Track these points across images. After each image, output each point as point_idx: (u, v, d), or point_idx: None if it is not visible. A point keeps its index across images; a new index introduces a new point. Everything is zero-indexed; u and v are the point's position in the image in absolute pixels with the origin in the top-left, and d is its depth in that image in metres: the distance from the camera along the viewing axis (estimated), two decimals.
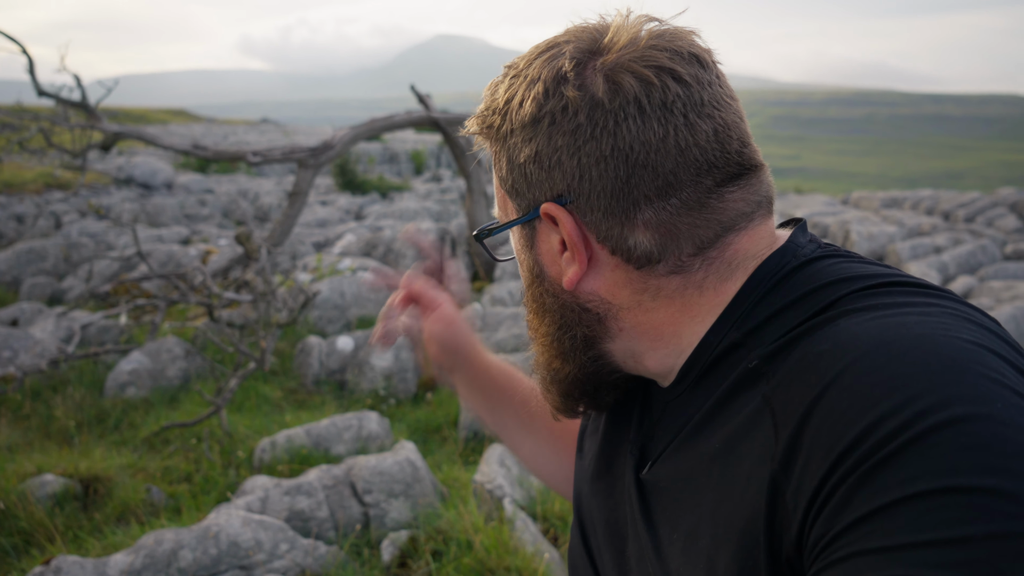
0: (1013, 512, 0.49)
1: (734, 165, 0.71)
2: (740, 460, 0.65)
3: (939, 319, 0.61)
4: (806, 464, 0.58)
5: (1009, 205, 13.22)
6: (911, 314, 0.62)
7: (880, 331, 0.60)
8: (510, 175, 0.77)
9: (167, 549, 3.06)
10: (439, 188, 19.89)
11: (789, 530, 0.59)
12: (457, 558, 3.24)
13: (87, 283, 9.34)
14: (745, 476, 0.64)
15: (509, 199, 0.80)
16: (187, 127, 37.54)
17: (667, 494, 0.74)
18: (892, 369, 0.56)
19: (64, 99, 8.21)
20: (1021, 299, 6.37)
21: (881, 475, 0.53)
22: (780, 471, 0.60)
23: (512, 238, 0.84)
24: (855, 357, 0.59)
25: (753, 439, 0.64)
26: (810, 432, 0.58)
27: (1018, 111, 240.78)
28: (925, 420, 0.53)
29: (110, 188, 17.23)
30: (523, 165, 0.75)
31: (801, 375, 0.62)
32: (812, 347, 0.63)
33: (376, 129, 8.92)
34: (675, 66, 0.69)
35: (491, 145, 0.79)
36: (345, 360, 6.37)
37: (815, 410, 0.59)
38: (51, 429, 5.27)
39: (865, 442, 0.54)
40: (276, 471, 4.36)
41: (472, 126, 0.81)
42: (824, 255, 0.74)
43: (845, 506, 0.54)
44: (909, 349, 0.57)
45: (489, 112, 0.78)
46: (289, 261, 10.31)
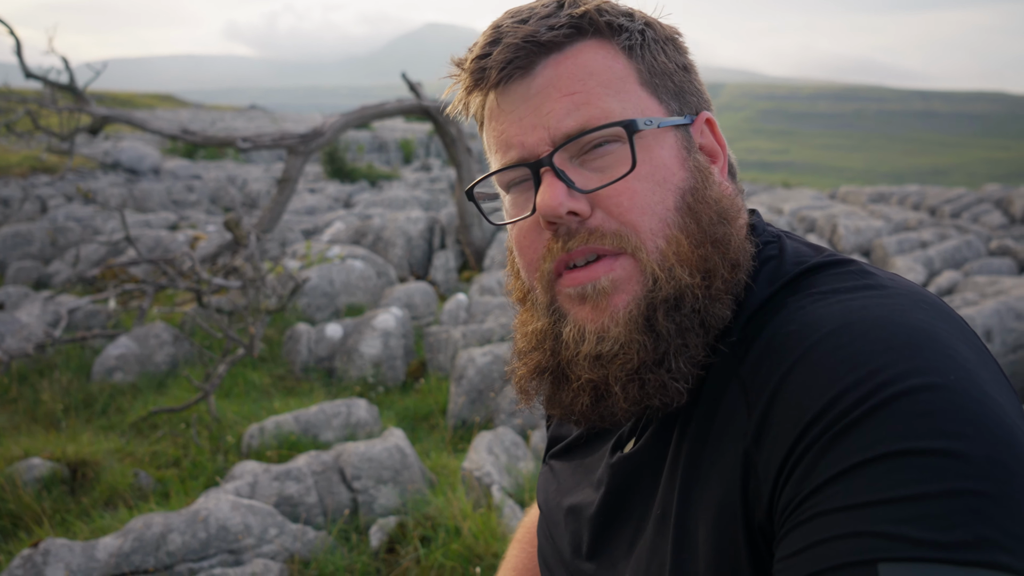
0: (965, 472, 0.53)
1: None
2: (716, 439, 0.68)
3: (895, 300, 0.65)
4: (776, 436, 0.62)
5: (994, 201, 13.35)
6: (872, 297, 0.66)
7: (843, 313, 0.65)
8: (664, 74, 0.78)
9: (156, 533, 3.07)
10: (428, 177, 19.84)
11: (761, 499, 0.62)
12: (445, 544, 3.26)
13: (74, 267, 9.28)
14: (720, 453, 0.67)
15: (648, 95, 0.77)
16: (174, 112, 37.22)
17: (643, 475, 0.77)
18: (855, 346, 0.61)
19: (52, 82, 8.13)
20: (1005, 294, 6.45)
21: (844, 441, 0.57)
22: (752, 445, 0.64)
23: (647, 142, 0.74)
24: (820, 336, 0.63)
25: (728, 417, 0.68)
26: (779, 406, 0.62)
27: (1004, 108, 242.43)
28: (885, 390, 0.57)
29: (97, 173, 17.08)
30: (680, 71, 0.80)
31: (770, 355, 0.66)
32: (780, 328, 0.67)
33: (366, 117, 8.89)
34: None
35: (613, 39, 0.76)
36: (334, 347, 6.37)
37: (783, 386, 0.63)
38: (38, 413, 5.25)
39: (830, 412, 0.58)
40: (265, 457, 4.36)
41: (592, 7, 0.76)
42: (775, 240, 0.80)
43: (811, 471, 0.58)
44: (870, 329, 0.62)
45: (623, 14, 0.78)
46: (278, 248, 10.28)
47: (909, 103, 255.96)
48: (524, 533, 1.19)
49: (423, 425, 5.31)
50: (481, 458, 3.88)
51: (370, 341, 6.12)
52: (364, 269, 8.07)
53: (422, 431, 5.18)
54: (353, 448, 3.89)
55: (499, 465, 3.91)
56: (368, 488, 3.76)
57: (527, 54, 0.74)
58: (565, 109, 0.73)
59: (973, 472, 0.53)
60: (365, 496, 3.74)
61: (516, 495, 3.75)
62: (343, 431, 4.71)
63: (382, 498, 3.75)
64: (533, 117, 0.75)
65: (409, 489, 3.79)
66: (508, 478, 3.85)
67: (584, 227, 0.73)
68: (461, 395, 5.18)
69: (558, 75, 0.74)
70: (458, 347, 5.99)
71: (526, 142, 0.75)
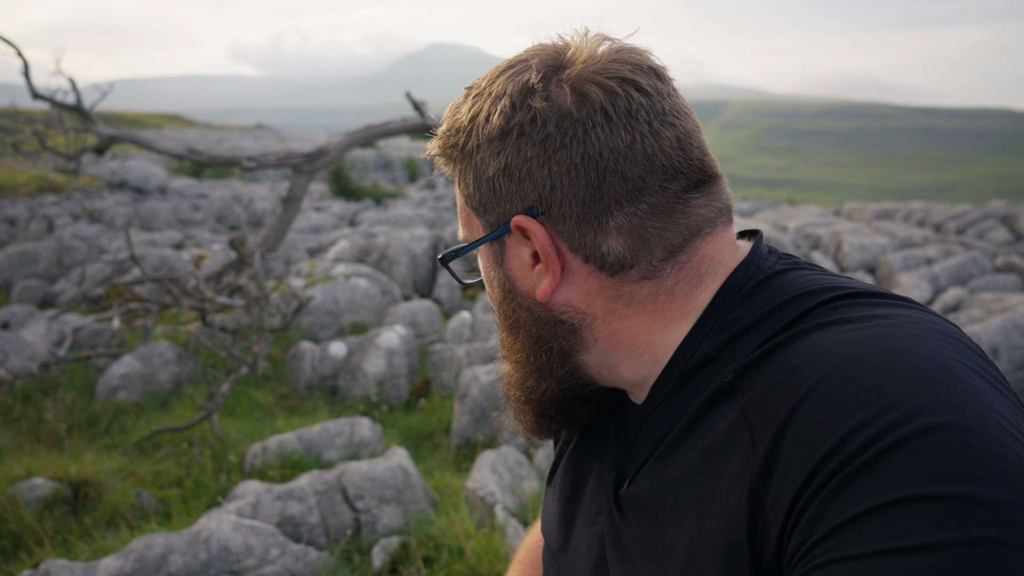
0: (983, 518, 0.50)
1: (696, 171, 0.74)
2: (719, 474, 0.66)
3: (907, 331, 0.62)
4: (784, 475, 0.59)
5: (1000, 218, 13.32)
6: (881, 326, 0.63)
7: (851, 344, 0.62)
8: (477, 191, 0.77)
9: (157, 554, 3.05)
10: (433, 195, 19.91)
11: (769, 541, 0.60)
12: (448, 565, 3.24)
13: (79, 286, 9.31)
14: (725, 490, 0.64)
15: (476, 216, 0.79)
16: (181, 132, 37.51)
17: (646, 510, 0.75)
18: (864, 381, 0.58)
19: (59, 102, 8.20)
20: (1011, 311, 6.41)
21: (855, 485, 0.54)
22: (759, 483, 0.61)
23: (480, 257, 0.83)
24: (828, 370, 0.60)
25: (731, 453, 0.65)
26: (787, 444, 0.59)
27: (1008, 125, 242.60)
28: (897, 430, 0.54)
29: (103, 192, 17.19)
30: (492, 179, 0.75)
31: (776, 388, 0.63)
32: (786, 360, 0.64)
33: (371, 136, 8.93)
34: (636, 77, 0.72)
35: (455, 166, 0.79)
36: (338, 366, 6.36)
37: (791, 422, 0.60)
38: (41, 432, 5.24)
39: (840, 453, 0.56)
40: (267, 476, 4.34)
41: (434, 148, 0.80)
42: (788, 267, 0.76)
43: (821, 515, 0.55)
44: (880, 362, 0.59)
45: (452, 132, 0.78)
46: (283, 266, 10.30)
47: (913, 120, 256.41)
48: (526, 554, 1.16)
49: (426, 444, 5.29)
50: (485, 477, 3.85)
51: (374, 360, 6.11)
52: (368, 287, 8.07)
53: (425, 450, 5.16)
54: (356, 467, 3.87)
55: (503, 484, 3.88)
56: (371, 508, 3.73)
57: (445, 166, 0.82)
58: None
59: (992, 519, 0.50)
60: (368, 516, 3.71)
61: (520, 515, 3.72)
62: (346, 450, 4.69)
63: (385, 518, 3.73)
64: None
65: (412, 509, 3.77)
66: (512, 497, 3.82)
67: None
68: (465, 414, 5.16)
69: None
70: (462, 365, 5.98)
71: None
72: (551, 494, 0.97)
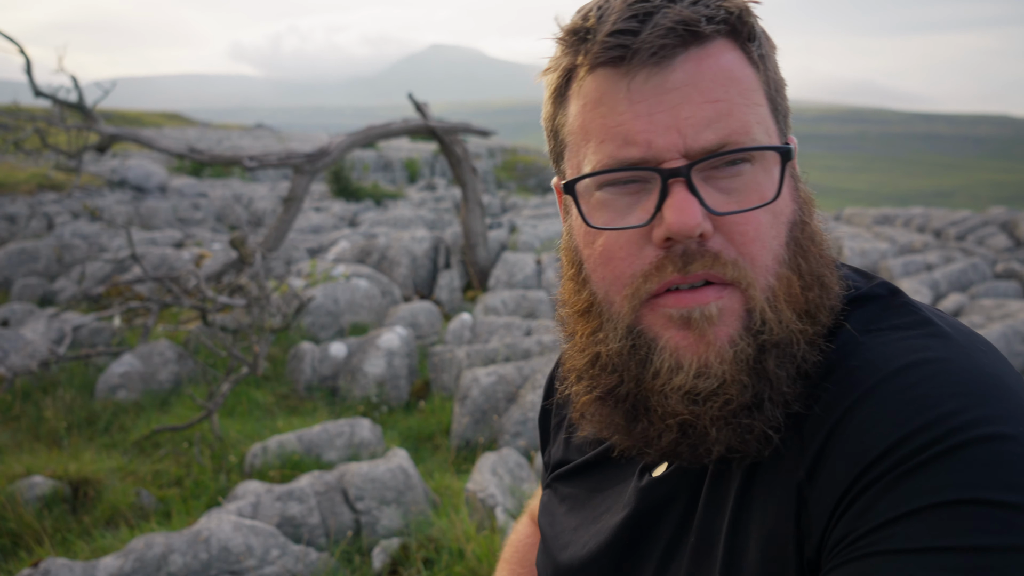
0: None
1: None
2: (766, 470, 0.66)
3: (958, 342, 0.64)
4: (832, 473, 0.60)
5: (1000, 224, 13.33)
6: (934, 336, 0.64)
7: (908, 352, 0.63)
8: (777, 92, 0.72)
9: (157, 553, 3.04)
10: (433, 196, 19.90)
11: (812, 535, 0.61)
12: (448, 567, 3.23)
13: (79, 285, 9.30)
14: (767, 487, 0.65)
15: (774, 118, 0.71)
16: (181, 131, 37.49)
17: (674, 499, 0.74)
18: (922, 388, 0.59)
19: (61, 100, 8.20)
20: (1012, 318, 6.42)
21: (908, 483, 0.55)
22: (806, 480, 0.62)
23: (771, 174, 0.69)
24: (886, 375, 0.61)
25: (778, 450, 0.65)
26: (837, 444, 0.60)
27: (1008, 131, 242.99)
28: (955, 436, 0.55)
29: (103, 190, 17.17)
30: (783, 87, 0.73)
31: (830, 391, 0.64)
32: (841, 364, 0.65)
33: (373, 136, 8.94)
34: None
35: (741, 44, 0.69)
36: (338, 366, 6.35)
37: (844, 421, 0.61)
38: (41, 431, 5.23)
39: (895, 452, 0.57)
40: (267, 476, 4.34)
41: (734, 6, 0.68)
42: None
43: (869, 509, 0.56)
44: (938, 371, 0.60)
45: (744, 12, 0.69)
46: (283, 266, 10.29)
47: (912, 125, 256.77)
48: (513, 553, 1.15)
49: (426, 445, 5.28)
50: (485, 479, 3.85)
51: (374, 360, 6.10)
52: (369, 288, 8.07)
53: (425, 451, 5.16)
54: (356, 468, 3.87)
55: (503, 486, 3.88)
56: (371, 509, 3.73)
57: (673, 43, 0.65)
58: (707, 118, 0.65)
59: None
60: (368, 517, 3.71)
61: (520, 517, 3.72)
62: (346, 451, 4.69)
63: (385, 519, 3.72)
64: (667, 117, 0.65)
65: (412, 510, 3.77)
66: (512, 500, 3.82)
67: (705, 250, 0.65)
68: (465, 415, 5.15)
69: (700, 74, 0.65)
70: (462, 367, 5.97)
71: (654, 143, 0.66)
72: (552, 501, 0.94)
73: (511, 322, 6.98)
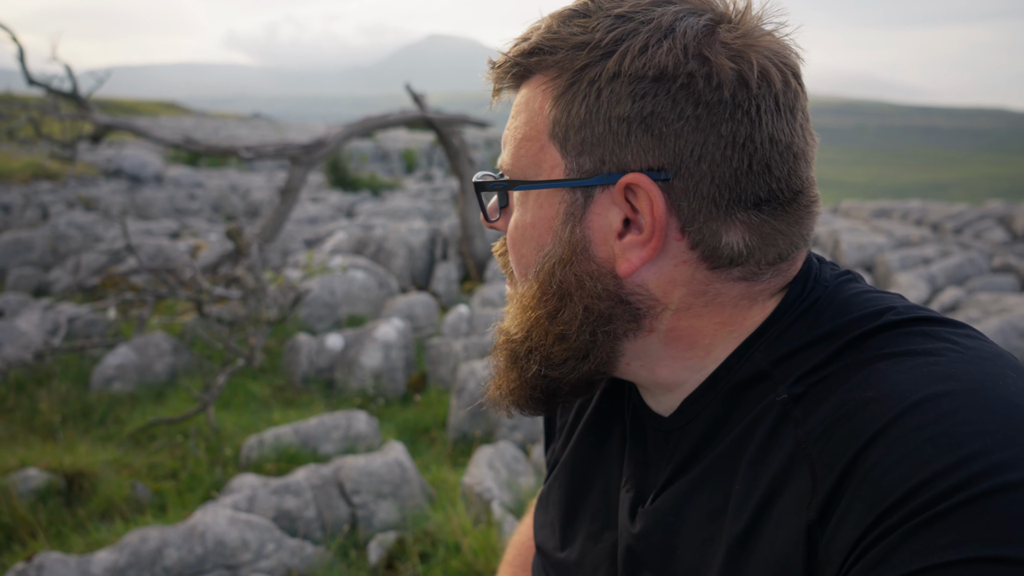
0: None
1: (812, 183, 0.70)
2: (768, 505, 0.62)
3: (983, 368, 0.59)
4: (846, 515, 0.56)
5: (997, 218, 13.33)
6: (955, 362, 0.60)
7: (928, 382, 0.58)
8: (583, 127, 0.65)
9: (152, 547, 3.03)
10: (431, 187, 19.86)
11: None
12: (445, 561, 3.22)
13: (74, 275, 9.26)
14: (774, 523, 0.61)
15: (556, 150, 0.68)
16: (177, 120, 37.33)
17: (674, 531, 0.71)
18: (944, 426, 0.54)
19: (55, 89, 8.13)
20: (1009, 312, 6.42)
21: (926, 535, 0.51)
22: (816, 521, 0.58)
23: (527, 201, 0.71)
24: (904, 409, 0.57)
25: (784, 485, 0.62)
26: (852, 485, 0.56)
27: (1005, 125, 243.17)
28: (978, 484, 0.51)
29: (98, 180, 17.10)
30: (616, 119, 0.64)
31: (842, 423, 0.60)
32: (855, 393, 0.60)
33: (370, 127, 8.90)
34: (799, 72, 0.67)
35: (551, 80, 0.67)
36: (334, 359, 6.33)
37: (860, 461, 0.57)
38: (35, 423, 5.21)
39: (913, 500, 0.53)
40: (263, 469, 4.32)
41: (517, 52, 0.69)
42: (844, 281, 0.72)
43: (883, 562, 0.53)
44: (961, 406, 0.55)
45: (575, 45, 0.66)
46: (280, 258, 10.26)
47: (911, 118, 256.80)
48: (515, 555, 1.12)
49: (423, 438, 5.27)
50: (481, 473, 3.84)
51: (371, 353, 6.09)
52: (365, 280, 8.05)
53: (422, 444, 5.15)
54: (353, 462, 3.86)
55: (499, 480, 3.87)
56: (367, 503, 3.72)
57: (498, 81, 0.74)
58: (504, 141, 0.75)
59: None
60: (364, 511, 3.70)
61: (517, 511, 3.71)
62: (343, 444, 4.67)
63: (381, 513, 3.71)
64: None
65: (409, 504, 3.76)
66: (509, 493, 3.81)
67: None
68: (462, 408, 5.14)
69: (516, 104, 0.73)
70: (459, 360, 5.96)
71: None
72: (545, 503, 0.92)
73: None
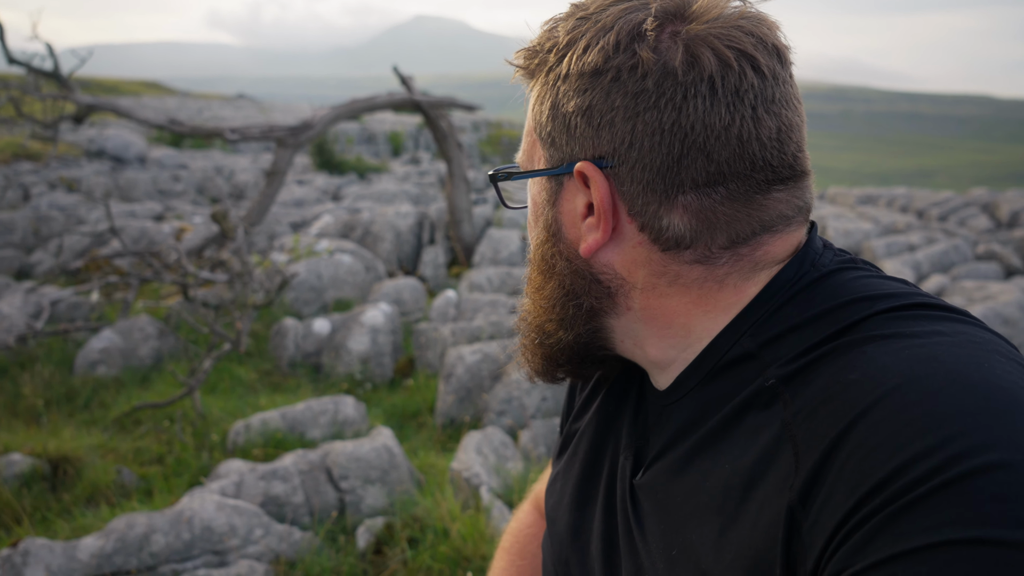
0: None
1: (787, 168, 0.69)
2: (752, 486, 0.63)
3: (970, 352, 0.59)
4: (828, 498, 0.56)
5: (981, 205, 13.44)
6: (942, 344, 0.60)
7: (912, 363, 0.58)
8: (550, 122, 0.73)
9: (139, 533, 3.02)
10: (418, 171, 19.74)
11: (804, 563, 0.57)
12: (433, 546, 3.23)
13: (57, 258, 9.15)
14: (757, 505, 0.61)
15: (540, 146, 0.76)
16: (160, 100, 36.82)
17: (663, 507, 0.72)
18: (925, 407, 0.54)
19: (36, 68, 7.99)
20: (992, 299, 6.48)
21: (908, 518, 0.51)
22: (798, 503, 0.58)
23: (531, 188, 0.80)
24: (886, 391, 0.57)
25: (768, 466, 0.62)
26: (834, 467, 0.56)
27: (989, 112, 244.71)
28: (959, 465, 0.51)
29: (81, 160, 16.86)
30: (568, 115, 0.70)
31: (826, 404, 0.60)
32: (839, 375, 0.60)
33: (357, 110, 8.81)
34: (756, 54, 0.66)
35: (534, 85, 0.75)
36: (321, 343, 6.31)
37: (841, 443, 0.57)
38: (18, 407, 5.16)
39: (894, 482, 0.53)
40: (250, 455, 4.31)
41: (518, 58, 0.76)
42: (843, 266, 0.72)
43: (866, 545, 0.52)
44: (944, 387, 0.55)
45: (544, 49, 0.73)
46: (266, 241, 10.18)
47: (896, 104, 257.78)
48: (513, 543, 1.12)
49: (411, 423, 5.27)
50: (470, 458, 3.84)
51: (358, 337, 6.07)
52: (352, 263, 8.00)
53: (410, 429, 5.14)
54: (341, 447, 3.85)
55: (488, 466, 3.88)
56: (355, 488, 3.72)
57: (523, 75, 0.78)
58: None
59: None
60: (352, 496, 3.70)
61: (505, 496, 3.72)
62: (330, 429, 4.66)
63: (369, 498, 3.71)
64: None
65: (397, 489, 3.76)
66: (497, 479, 3.82)
67: None
68: (450, 394, 5.14)
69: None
70: (447, 345, 5.95)
71: None
72: (561, 474, 0.92)
73: (496, 299, 6.95)
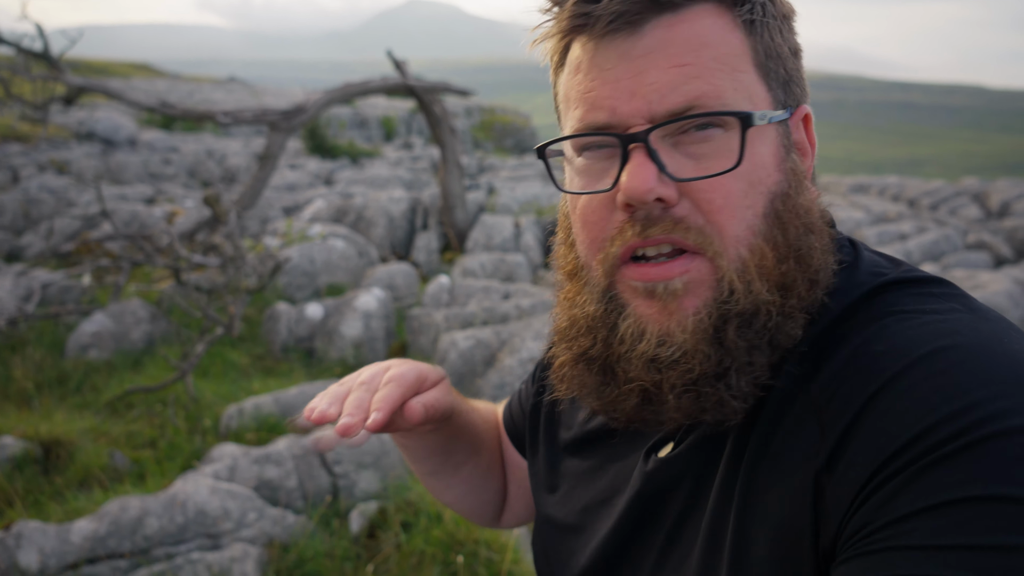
0: None
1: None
2: (780, 457, 0.64)
3: (988, 325, 0.61)
4: (853, 459, 0.58)
5: (972, 195, 13.50)
6: (962, 320, 0.62)
7: (935, 336, 0.60)
8: (781, 59, 0.70)
9: (132, 516, 3.02)
10: (410, 156, 19.66)
11: (829, 525, 0.59)
12: (426, 530, 3.25)
13: (47, 241, 9.09)
14: (781, 473, 0.63)
15: (762, 84, 0.68)
16: (151, 82, 36.46)
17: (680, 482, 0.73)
18: (950, 376, 0.57)
19: (25, 49, 7.91)
20: (982, 288, 6.52)
21: (932, 476, 0.53)
22: (824, 469, 0.60)
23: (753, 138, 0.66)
24: (913, 360, 0.59)
25: (793, 436, 0.64)
26: (860, 432, 0.58)
27: (981, 102, 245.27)
28: (983, 428, 0.53)
29: (71, 143, 16.71)
30: (792, 57, 0.71)
31: (852, 376, 0.61)
32: (865, 348, 0.63)
33: (350, 94, 8.77)
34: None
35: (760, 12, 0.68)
36: (314, 328, 6.30)
37: (867, 410, 0.59)
38: (10, 390, 5.14)
39: (919, 444, 0.55)
40: (244, 439, 4.31)
41: None
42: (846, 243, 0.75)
43: (889, 502, 0.55)
44: (967, 356, 0.58)
45: None
46: (258, 225, 10.14)
47: (889, 94, 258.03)
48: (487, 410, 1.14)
49: None
50: None
51: (351, 322, 6.06)
52: (345, 248, 7.98)
53: None
54: (334, 432, 3.85)
55: None
56: (349, 472, 3.73)
57: (640, 8, 0.65)
58: (672, 82, 0.65)
59: None
60: (346, 481, 3.71)
61: None
62: None
63: (363, 483, 3.72)
64: (632, 82, 0.65)
65: (390, 474, 3.77)
66: None
67: (668, 215, 0.66)
68: None
69: (669, 39, 0.65)
70: (440, 330, 5.95)
71: (618, 108, 0.66)
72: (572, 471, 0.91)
73: (489, 286, 6.95)
